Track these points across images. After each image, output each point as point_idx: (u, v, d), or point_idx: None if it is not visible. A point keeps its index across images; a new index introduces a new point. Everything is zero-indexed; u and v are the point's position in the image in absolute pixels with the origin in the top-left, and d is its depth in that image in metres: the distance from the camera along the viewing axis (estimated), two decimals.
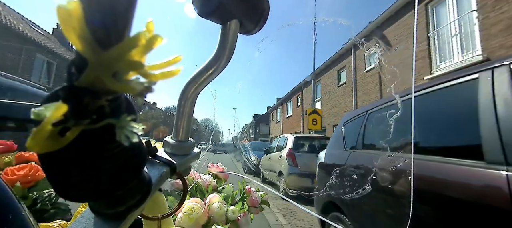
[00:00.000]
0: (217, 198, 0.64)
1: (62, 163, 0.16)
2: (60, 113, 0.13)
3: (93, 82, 0.13)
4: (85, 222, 0.23)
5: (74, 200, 0.17)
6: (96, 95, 0.14)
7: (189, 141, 0.34)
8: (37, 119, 0.13)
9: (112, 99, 0.15)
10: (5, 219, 0.25)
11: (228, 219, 0.63)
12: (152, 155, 0.30)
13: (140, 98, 0.14)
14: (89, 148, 0.16)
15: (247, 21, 0.32)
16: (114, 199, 0.21)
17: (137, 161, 0.20)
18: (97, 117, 0.14)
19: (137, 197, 0.23)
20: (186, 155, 0.33)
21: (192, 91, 0.32)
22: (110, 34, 0.13)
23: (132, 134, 0.15)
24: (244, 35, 0.34)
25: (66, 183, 0.17)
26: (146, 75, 0.15)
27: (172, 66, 0.16)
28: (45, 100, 0.14)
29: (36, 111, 0.13)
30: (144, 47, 0.14)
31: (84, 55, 0.13)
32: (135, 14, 0.14)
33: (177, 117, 0.33)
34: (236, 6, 0.30)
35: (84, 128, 0.14)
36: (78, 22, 0.12)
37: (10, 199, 0.27)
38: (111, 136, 0.15)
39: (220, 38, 0.31)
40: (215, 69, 0.32)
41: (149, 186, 0.24)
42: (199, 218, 0.56)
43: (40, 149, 0.13)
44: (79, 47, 0.13)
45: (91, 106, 0.14)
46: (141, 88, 0.14)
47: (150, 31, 0.15)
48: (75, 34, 0.12)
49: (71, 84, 0.14)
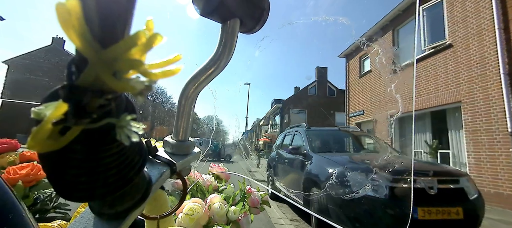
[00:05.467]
0: (218, 199, 0.64)
1: (63, 162, 0.16)
2: (60, 112, 0.13)
3: (93, 81, 0.13)
4: (85, 222, 0.23)
5: (74, 200, 0.17)
6: (96, 94, 0.14)
7: (189, 141, 0.34)
8: (37, 118, 0.13)
9: (112, 98, 0.15)
10: (5, 219, 0.25)
11: (229, 220, 0.63)
12: (152, 155, 0.30)
13: (140, 97, 0.14)
14: (90, 148, 0.16)
15: (247, 20, 0.32)
16: (114, 199, 0.21)
17: (137, 160, 0.20)
18: (97, 117, 0.14)
19: (137, 197, 0.23)
20: (186, 155, 0.33)
21: (192, 91, 0.32)
22: (110, 33, 0.13)
23: (133, 133, 0.15)
24: (245, 34, 0.34)
25: (66, 182, 0.17)
26: (146, 74, 0.15)
27: (172, 65, 0.16)
28: (45, 99, 0.14)
29: (36, 110, 0.13)
30: (144, 46, 0.14)
31: (84, 54, 0.13)
32: (135, 13, 0.14)
33: (177, 116, 0.33)
34: (237, 5, 0.30)
35: (84, 128, 0.14)
36: (78, 21, 0.12)
37: (11, 199, 0.27)
38: (112, 135, 0.15)
39: (221, 37, 0.31)
40: (215, 68, 0.32)
41: (149, 186, 0.24)
42: (200, 219, 0.56)
43: (40, 149, 0.13)
44: (79, 45, 0.13)
45: (91, 105, 0.14)
46: (141, 87, 0.14)
47: (150, 29, 0.15)
48: (75, 32, 0.12)
49: (71, 83, 0.14)
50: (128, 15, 0.14)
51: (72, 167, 0.16)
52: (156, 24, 0.15)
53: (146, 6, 8.91)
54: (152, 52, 0.15)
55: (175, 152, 0.32)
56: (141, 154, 0.21)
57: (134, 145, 0.20)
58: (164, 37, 0.14)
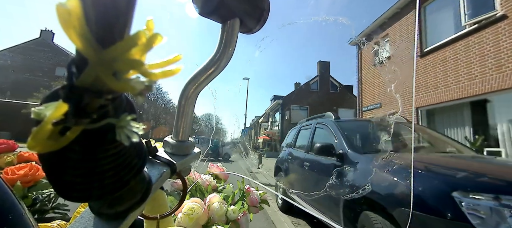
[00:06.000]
0: (217, 198, 0.64)
1: (63, 163, 0.16)
2: (60, 113, 0.13)
3: (93, 81, 0.13)
4: (85, 222, 0.23)
5: (74, 200, 0.17)
6: (97, 94, 0.14)
7: (189, 141, 0.34)
8: (37, 119, 0.13)
9: (113, 98, 0.15)
10: (5, 219, 0.25)
11: (228, 219, 0.63)
12: (152, 155, 0.30)
13: (140, 97, 0.14)
14: (90, 148, 0.16)
15: (247, 20, 0.32)
16: (114, 199, 0.21)
17: (137, 161, 0.20)
18: (98, 117, 0.14)
19: (137, 197, 0.23)
20: (186, 155, 0.33)
21: (192, 91, 0.32)
22: (110, 33, 0.13)
23: (133, 133, 0.15)
24: (245, 34, 0.34)
25: (66, 183, 0.17)
26: (146, 74, 0.15)
27: (172, 65, 0.16)
28: (45, 99, 0.14)
29: (36, 110, 0.13)
30: (144, 46, 0.14)
31: (84, 54, 0.13)
32: (135, 13, 0.14)
33: (177, 117, 0.33)
34: (237, 5, 0.30)
35: (84, 128, 0.14)
36: (78, 21, 0.12)
37: (10, 199, 0.27)
38: (112, 135, 0.15)
39: (221, 37, 0.31)
40: (215, 68, 0.31)
41: (149, 186, 0.24)
42: (199, 218, 0.56)
43: (40, 149, 0.13)
44: (79, 46, 0.13)
45: (92, 106, 0.14)
46: (141, 87, 0.14)
47: (150, 29, 0.15)
48: (75, 33, 0.12)
49: (71, 83, 0.14)
50: (128, 15, 0.14)
51: (72, 168, 0.16)
52: (156, 24, 0.15)
53: (146, 6, 8.73)
54: (152, 52, 0.15)
55: (175, 152, 0.32)
56: (140, 155, 0.21)
57: (133, 146, 0.20)
58: (164, 37, 0.14)
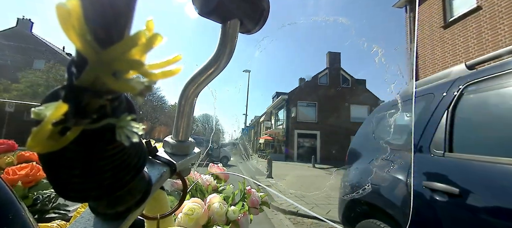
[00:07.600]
0: (218, 198, 0.64)
1: (63, 163, 0.16)
2: (60, 113, 0.13)
3: (93, 82, 0.13)
4: (85, 222, 0.23)
5: (74, 200, 0.17)
6: (97, 95, 0.14)
7: (189, 141, 0.34)
8: (37, 119, 0.13)
9: (112, 98, 0.15)
10: (5, 219, 0.25)
11: (229, 219, 0.63)
12: (152, 155, 0.30)
13: (140, 97, 0.14)
14: (90, 148, 0.16)
15: (247, 20, 0.32)
16: (114, 199, 0.21)
17: (137, 161, 0.20)
18: (98, 117, 0.14)
19: (137, 197, 0.23)
20: (186, 155, 0.33)
21: (192, 91, 0.32)
22: (110, 33, 0.13)
23: (133, 134, 0.15)
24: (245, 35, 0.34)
25: (67, 183, 0.17)
26: (146, 74, 0.15)
27: (172, 65, 0.16)
28: (45, 100, 0.14)
29: (36, 110, 0.13)
30: (144, 46, 0.14)
31: (84, 54, 0.13)
32: (135, 13, 0.14)
33: (177, 117, 0.33)
34: (236, 5, 0.30)
35: (84, 128, 0.14)
36: (78, 21, 0.12)
37: (10, 199, 0.27)
38: (112, 136, 0.15)
39: (220, 37, 0.31)
40: (215, 69, 0.32)
41: (149, 186, 0.24)
42: (199, 219, 0.55)
43: (40, 149, 0.13)
44: (79, 46, 0.13)
45: (92, 106, 0.14)
46: (141, 87, 0.14)
47: (150, 30, 0.15)
48: (75, 33, 0.12)
49: (71, 83, 0.14)
50: (128, 16, 0.14)
51: (72, 168, 0.16)
52: (156, 24, 0.15)
53: (146, 6, 8.64)
54: (152, 52, 0.15)
55: (175, 152, 0.32)
56: (140, 156, 0.21)
57: (133, 146, 0.20)
58: (164, 37, 0.14)
